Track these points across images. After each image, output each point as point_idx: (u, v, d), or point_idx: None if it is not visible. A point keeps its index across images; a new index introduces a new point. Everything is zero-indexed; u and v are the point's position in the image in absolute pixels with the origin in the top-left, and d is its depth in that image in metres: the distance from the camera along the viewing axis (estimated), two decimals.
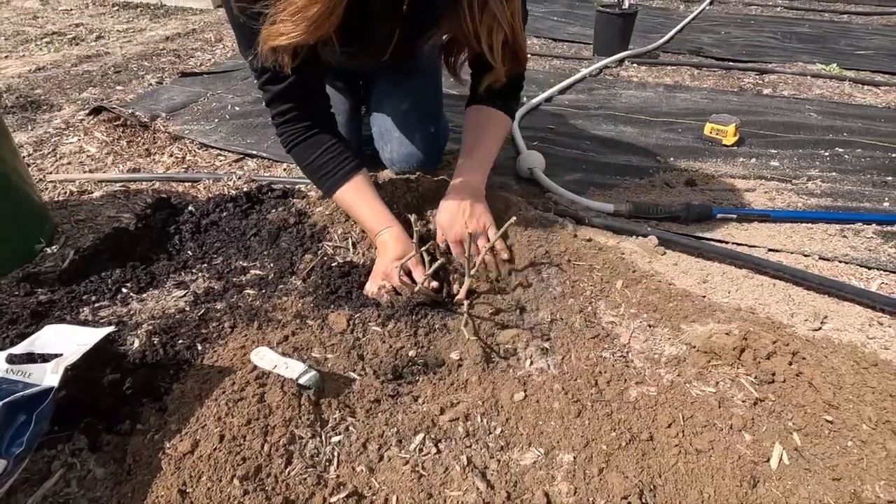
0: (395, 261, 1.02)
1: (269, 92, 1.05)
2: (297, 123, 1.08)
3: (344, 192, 1.10)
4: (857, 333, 1.00)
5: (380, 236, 1.08)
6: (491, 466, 0.76)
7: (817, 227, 1.32)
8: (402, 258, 1.02)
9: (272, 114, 1.09)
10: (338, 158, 1.09)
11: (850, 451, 0.77)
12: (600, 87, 2.29)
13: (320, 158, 1.09)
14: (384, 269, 1.04)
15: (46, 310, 1.01)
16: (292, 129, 1.08)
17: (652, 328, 0.99)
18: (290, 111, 1.06)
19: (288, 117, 1.07)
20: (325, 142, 1.10)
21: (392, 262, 1.03)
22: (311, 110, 1.09)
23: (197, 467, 0.71)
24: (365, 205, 1.10)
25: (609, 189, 1.51)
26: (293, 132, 1.08)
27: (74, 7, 3.52)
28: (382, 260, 1.06)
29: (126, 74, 2.31)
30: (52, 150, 1.64)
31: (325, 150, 1.09)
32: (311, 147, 1.09)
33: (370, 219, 1.10)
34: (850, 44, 2.97)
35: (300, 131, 1.08)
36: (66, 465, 0.74)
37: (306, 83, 1.04)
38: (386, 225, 1.08)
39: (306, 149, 1.09)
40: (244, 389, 0.81)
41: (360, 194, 1.11)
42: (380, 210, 1.10)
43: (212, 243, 1.21)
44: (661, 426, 0.80)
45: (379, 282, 1.04)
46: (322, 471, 0.74)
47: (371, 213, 1.10)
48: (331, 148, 1.09)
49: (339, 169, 1.09)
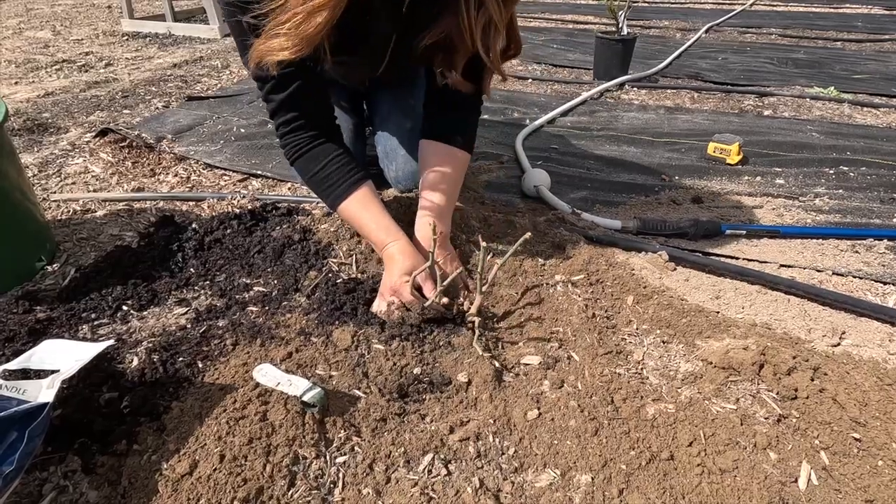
0: (405, 275, 1.00)
1: (272, 101, 1.02)
2: (302, 133, 1.05)
3: (349, 203, 1.06)
4: (878, 349, 0.97)
5: (387, 249, 1.05)
6: (505, 489, 0.72)
7: (828, 242, 1.31)
8: (411, 272, 0.99)
9: (277, 123, 1.06)
10: (343, 169, 1.06)
11: (882, 471, 0.73)
12: (602, 109, 2.31)
13: (326, 169, 1.06)
14: (392, 285, 1.01)
15: (45, 327, 0.98)
16: (297, 139, 1.05)
17: (666, 344, 0.96)
18: (296, 120, 1.04)
19: (293, 126, 1.04)
20: (331, 152, 1.07)
21: (401, 276, 1.00)
22: (316, 120, 1.07)
23: (195, 489, 0.68)
24: (371, 217, 1.07)
25: (615, 206, 1.50)
26: (298, 142, 1.05)
27: (85, 37, 3.61)
28: (389, 275, 1.03)
29: (133, 99, 2.34)
30: (58, 171, 1.64)
31: (330, 160, 1.06)
32: (316, 158, 1.06)
33: (376, 231, 1.06)
34: (845, 68, 3.02)
35: (305, 141, 1.05)
36: (58, 488, 0.71)
37: (310, 90, 1.02)
38: (393, 238, 1.05)
39: (311, 160, 1.06)
40: (246, 407, 0.78)
41: (366, 206, 1.07)
42: (386, 222, 1.07)
43: (215, 261, 1.19)
44: (682, 444, 0.76)
45: (388, 298, 1.01)
46: (327, 493, 0.71)
47: (377, 225, 1.06)
48: (336, 158, 1.07)
49: (344, 180, 1.06)
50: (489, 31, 0.89)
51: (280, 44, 0.84)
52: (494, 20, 0.87)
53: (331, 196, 1.07)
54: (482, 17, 0.87)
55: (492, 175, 1.67)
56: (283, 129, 1.05)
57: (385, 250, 1.05)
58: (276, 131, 1.07)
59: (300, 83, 0.99)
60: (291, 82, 0.98)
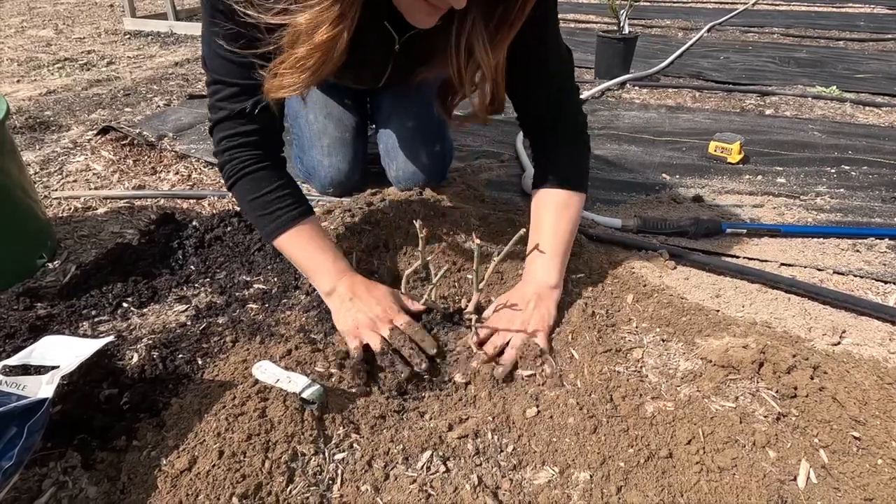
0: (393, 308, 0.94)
1: (224, 110, 0.91)
2: (250, 150, 0.95)
3: (301, 231, 0.96)
4: (878, 348, 0.97)
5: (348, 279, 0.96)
6: (503, 486, 0.73)
7: (829, 241, 1.30)
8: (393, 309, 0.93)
9: (223, 135, 0.94)
10: (296, 195, 0.98)
11: (881, 469, 0.73)
12: (603, 108, 2.31)
13: (275, 192, 0.95)
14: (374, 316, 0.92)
15: (45, 324, 0.99)
16: (243, 156, 0.95)
17: (665, 342, 0.96)
18: (247, 136, 0.94)
19: (242, 142, 0.94)
20: (282, 176, 0.98)
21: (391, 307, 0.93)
22: (268, 140, 0.97)
23: (194, 485, 0.68)
24: (325, 247, 0.98)
25: (616, 205, 1.50)
26: (244, 159, 0.95)
27: (87, 35, 3.61)
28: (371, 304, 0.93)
29: (135, 97, 2.35)
30: (59, 169, 1.65)
31: (281, 184, 0.96)
32: (264, 179, 0.96)
33: (333, 260, 0.97)
34: (847, 68, 3.01)
35: (252, 160, 0.95)
36: (58, 484, 0.71)
37: (270, 109, 0.92)
38: (350, 272, 0.98)
39: (259, 181, 0.95)
40: (245, 404, 0.78)
41: (319, 236, 0.99)
42: (341, 255, 1.00)
43: (215, 258, 1.19)
44: (681, 442, 0.76)
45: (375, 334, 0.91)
46: (325, 490, 0.71)
47: (334, 255, 0.98)
48: (287, 184, 0.98)
49: (297, 206, 0.97)
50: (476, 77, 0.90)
51: (282, 82, 0.82)
52: (483, 67, 0.87)
53: (279, 220, 0.96)
54: (472, 65, 0.87)
55: (492, 173, 1.67)
56: (230, 143, 0.94)
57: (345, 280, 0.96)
58: (218, 144, 0.95)
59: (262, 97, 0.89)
60: (253, 94, 0.89)
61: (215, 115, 0.94)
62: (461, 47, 0.86)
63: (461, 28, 0.85)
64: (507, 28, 0.85)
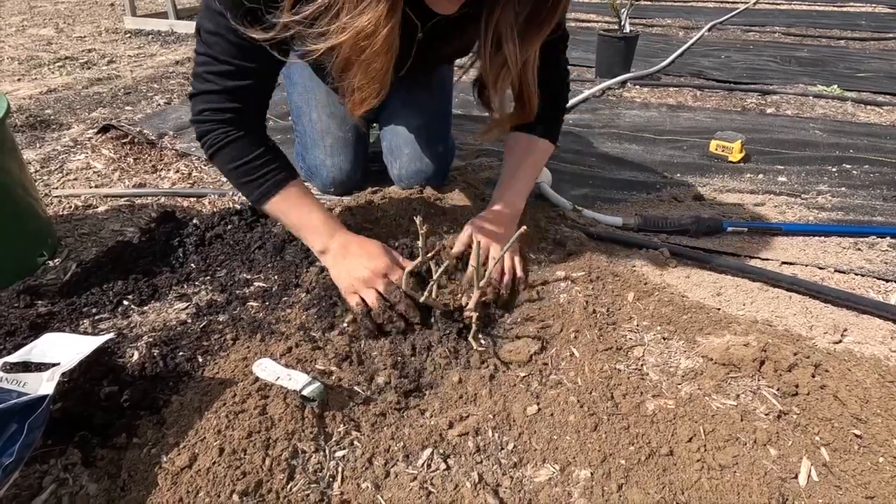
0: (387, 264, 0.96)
1: (213, 83, 0.89)
2: (235, 123, 0.94)
3: (289, 192, 0.97)
4: (880, 346, 0.97)
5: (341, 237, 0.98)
6: (504, 483, 0.72)
7: (830, 240, 1.30)
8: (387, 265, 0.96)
9: (209, 106, 0.91)
10: (281, 159, 0.98)
11: (883, 467, 0.73)
12: (604, 107, 2.31)
13: (261, 157, 0.95)
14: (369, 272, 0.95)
15: (46, 321, 0.99)
16: (228, 127, 0.94)
17: (666, 340, 0.96)
18: (233, 112, 0.92)
19: (227, 118, 0.93)
20: (265, 142, 0.97)
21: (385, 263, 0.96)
22: (255, 120, 0.97)
23: (195, 482, 0.68)
24: (316, 207, 0.99)
25: (616, 204, 1.50)
26: (229, 129, 0.94)
27: (88, 34, 3.61)
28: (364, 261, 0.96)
29: (135, 96, 2.35)
30: (60, 167, 1.64)
31: (265, 149, 0.96)
32: (248, 145, 0.95)
33: (324, 220, 1.00)
34: (849, 67, 3.01)
35: (236, 129, 0.94)
36: (58, 481, 0.71)
37: (263, 91, 0.93)
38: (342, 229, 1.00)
39: (242, 147, 0.94)
40: (245, 401, 0.78)
41: (308, 196, 0.99)
42: (331, 214, 1.01)
43: (216, 256, 1.19)
44: (682, 440, 0.76)
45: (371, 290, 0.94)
46: (325, 487, 0.71)
47: (325, 214, 1.00)
48: (270, 149, 0.97)
49: (283, 169, 0.97)
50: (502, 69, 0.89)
51: (362, 96, 0.83)
52: (508, 60, 0.87)
53: (266, 184, 0.96)
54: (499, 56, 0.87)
55: (493, 172, 1.66)
56: (212, 116, 0.93)
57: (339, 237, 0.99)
58: (199, 113, 0.93)
59: (253, 82, 0.90)
60: (246, 77, 0.89)
61: (202, 85, 0.91)
62: (489, 38, 0.86)
63: (490, 17, 0.84)
64: (538, 25, 0.85)
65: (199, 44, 0.89)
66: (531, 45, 0.88)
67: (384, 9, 0.73)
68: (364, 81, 0.81)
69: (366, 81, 0.81)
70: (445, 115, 1.49)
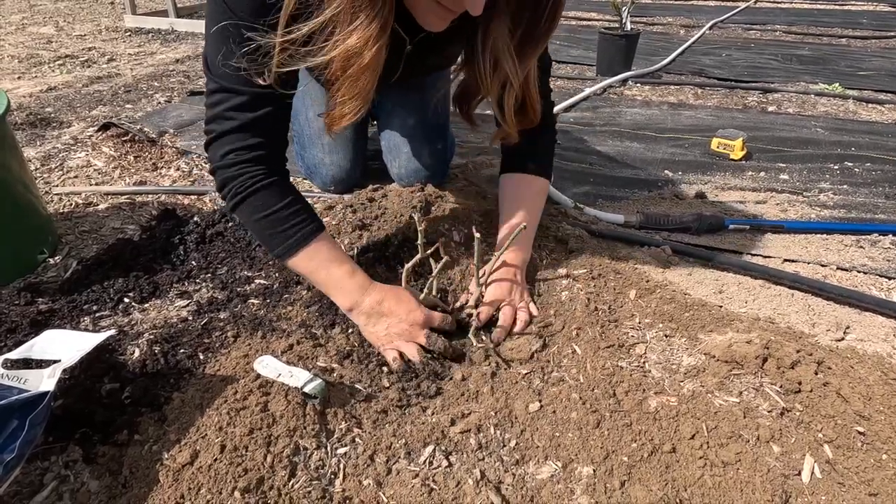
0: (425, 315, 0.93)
1: (232, 119, 0.84)
2: (261, 164, 0.87)
3: (318, 248, 0.91)
4: (882, 344, 0.97)
5: (373, 293, 0.92)
6: (506, 480, 0.72)
7: (832, 237, 1.30)
8: (425, 316, 0.92)
9: (234, 147, 0.85)
10: (308, 209, 0.92)
11: (886, 464, 0.73)
12: (605, 105, 2.30)
13: (288, 208, 0.89)
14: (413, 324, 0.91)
15: (46, 319, 0.98)
16: (256, 170, 0.87)
17: (669, 338, 0.96)
18: (257, 149, 0.86)
19: (252, 156, 0.86)
20: (292, 191, 0.92)
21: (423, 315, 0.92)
22: (278, 154, 0.91)
23: (196, 479, 0.67)
24: (344, 260, 0.93)
25: (618, 201, 1.49)
26: (257, 174, 0.87)
27: (88, 33, 3.61)
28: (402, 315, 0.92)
29: (136, 94, 2.35)
30: (60, 165, 1.64)
31: (292, 199, 0.90)
32: (275, 195, 0.89)
33: (353, 275, 0.93)
34: (850, 65, 3.00)
35: (264, 175, 0.88)
36: (59, 478, 0.71)
37: (280, 118, 0.88)
38: (372, 284, 0.94)
39: (269, 197, 0.88)
40: (247, 398, 0.78)
41: (335, 251, 0.94)
42: (358, 268, 0.94)
43: (216, 253, 1.19)
44: (684, 437, 0.76)
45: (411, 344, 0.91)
46: (327, 484, 0.71)
47: (353, 267, 0.94)
48: (297, 199, 0.92)
49: (311, 221, 0.91)
50: (505, 87, 0.90)
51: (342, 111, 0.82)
52: (510, 77, 0.87)
53: (296, 237, 0.90)
54: (499, 75, 0.87)
55: (493, 170, 1.66)
56: (238, 157, 0.86)
57: (374, 293, 0.93)
58: (222, 158, 0.86)
59: (273, 109, 0.85)
60: (266, 105, 0.84)
61: (221, 126, 0.85)
62: (486, 58, 0.86)
63: (486, 34, 0.84)
64: (534, 41, 0.85)
65: (210, 81, 0.84)
66: (529, 60, 0.88)
67: (376, 28, 0.73)
68: (347, 97, 0.80)
69: (349, 97, 0.80)
70: (443, 113, 1.48)
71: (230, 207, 0.90)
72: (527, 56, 0.87)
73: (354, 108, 0.81)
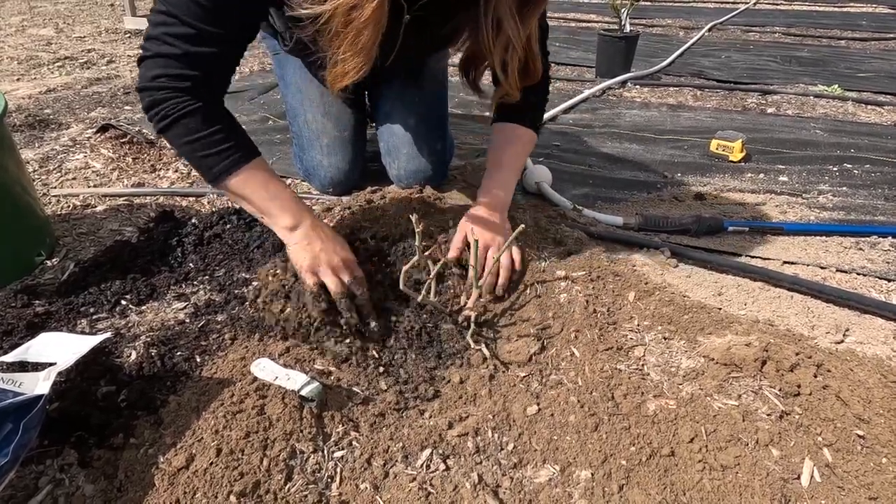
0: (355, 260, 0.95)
1: (170, 45, 0.80)
2: (195, 93, 0.85)
3: (257, 168, 0.91)
4: (882, 346, 0.96)
5: (313, 218, 0.95)
6: (504, 484, 0.72)
7: (832, 239, 1.30)
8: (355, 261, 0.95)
9: (168, 72, 0.82)
10: (243, 133, 0.91)
11: (886, 468, 0.72)
12: (604, 106, 2.30)
13: (223, 131, 0.87)
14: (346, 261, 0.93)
15: (43, 321, 0.98)
16: (188, 96, 0.84)
17: (667, 340, 0.95)
18: (195, 81, 0.83)
19: (188, 86, 0.83)
20: (227, 114, 0.90)
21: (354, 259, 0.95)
22: (217, 90, 0.90)
23: (192, 483, 0.67)
24: (284, 186, 0.95)
25: (617, 203, 1.49)
26: (188, 99, 0.84)
27: (87, 34, 3.61)
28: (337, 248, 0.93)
29: (134, 95, 2.34)
30: (58, 166, 1.64)
31: (228, 122, 0.89)
32: (209, 117, 0.86)
33: (295, 199, 0.95)
34: (849, 67, 3.00)
35: (197, 99, 0.85)
36: (54, 482, 0.70)
37: (226, 57, 0.86)
38: (312, 212, 0.96)
39: (201, 119, 0.85)
40: (243, 401, 0.78)
41: (274, 175, 0.94)
42: (296, 197, 0.96)
43: (214, 255, 1.19)
44: (683, 441, 0.75)
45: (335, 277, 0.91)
46: (324, 488, 0.70)
47: (294, 194, 0.97)
48: (233, 122, 0.90)
49: (248, 144, 0.91)
50: (508, 49, 0.90)
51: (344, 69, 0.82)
52: (512, 39, 0.88)
53: (228, 160, 0.88)
54: (502, 37, 0.88)
55: None
56: (171, 83, 0.83)
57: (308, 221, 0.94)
58: (154, 79, 0.83)
59: (221, 49, 0.83)
60: (214, 43, 0.82)
61: (157, 47, 0.82)
62: (489, 21, 0.87)
63: (488, 2, 0.85)
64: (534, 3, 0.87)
65: (159, 1, 0.81)
66: (530, 21, 0.90)
67: None
68: (350, 52, 0.80)
69: (351, 53, 0.80)
70: (441, 113, 1.48)
71: (158, 129, 0.87)
72: (528, 16, 0.89)
73: (356, 64, 0.81)
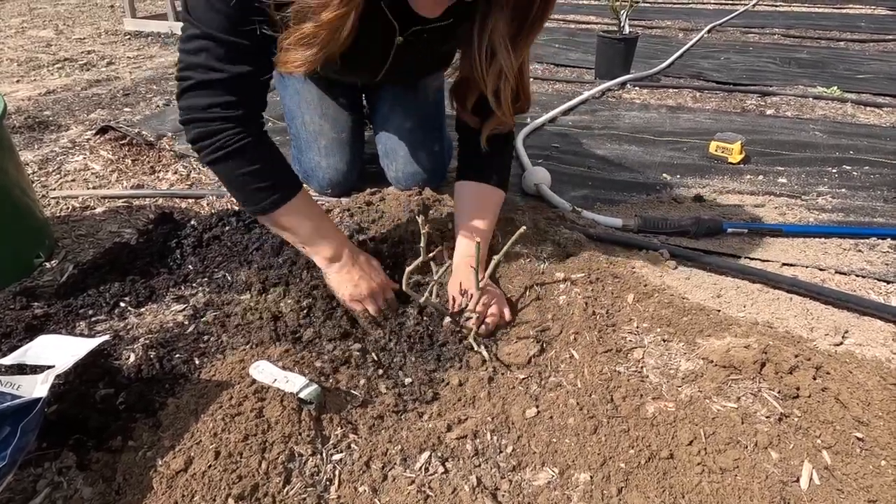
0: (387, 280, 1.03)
1: (218, 71, 0.81)
2: (244, 121, 0.86)
3: (301, 200, 0.95)
4: (881, 348, 0.96)
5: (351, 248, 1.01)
6: (502, 487, 0.72)
7: (830, 241, 1.30)
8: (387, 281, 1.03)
9: (217, 101, 0.83)
10: (288, 168, 0.95)
11: (885, 470, 0.72)
12: (603, 108, 2.30)
13: (274, 163, 0.92)
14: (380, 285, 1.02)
15: (42, 323, 0.98)
16: (240, 127, 0.86)
17: (666, 342, 0.95)
18: (237, 107, 0.84)
19: (239, 114, 0.85)
20: (273, 146, 0.93)
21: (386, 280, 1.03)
22: (257, 111, 0.91)
23: (190, 486, 0.67)
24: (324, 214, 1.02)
25: (616, 205, 1.49)
26: (241, 130, 0.86)
27: (87, 36, 3.61)
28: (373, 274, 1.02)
29: (134, 97, 2.35)
30: (58, 168, 1.64)
31: (276, 154, 0.93)
32: (259, 150, 0.89)
33: (335, 229, 1.02)
34: (848, 68, 3.00)
35: (247, 131, 0.87)
36: (53, 484, 0.70)
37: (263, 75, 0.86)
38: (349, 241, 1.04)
39: (254, 151, 0.88)
40: (242, 404, 0.78)
41: (315, 203, 0.99)
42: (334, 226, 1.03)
43: (213, 257, 1.19)
44: (682, 443, 0.75)
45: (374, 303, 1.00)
46: (322, 491, 0.70)
47: (333, 224, 1.04)
48: (279, 155, 0.94)
49: (293, 175, 0.95)
50: (501, 77, 0.90)
51: (289, 57, 0.80)
52: (504, 69, 0.89)
53: (278, 193, 0.92)
54: (495, 66, 0.88)
55: None
56: (223, 113, 0.84)
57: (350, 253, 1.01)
58: (205, 110, 0.84)
59: (257, 66, 0.83)
60: (244, 61, 0.82)
61: (204, 75, 0.82)
62: (483, 50, 0.87)
63: (483, 28, 0.86)
64: (528, 30, 0.87)
65: (191, 27, 0.81)
66: (522, 51, 0.90)
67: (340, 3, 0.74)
68: (293, 45, 0.78)
69: (294, 46, 0.78)
70: (438, 115, 1.48)
71: (209, 160, 0.88)
72: (520, 46, 0.89)
73: (299, 59, 0.80)
